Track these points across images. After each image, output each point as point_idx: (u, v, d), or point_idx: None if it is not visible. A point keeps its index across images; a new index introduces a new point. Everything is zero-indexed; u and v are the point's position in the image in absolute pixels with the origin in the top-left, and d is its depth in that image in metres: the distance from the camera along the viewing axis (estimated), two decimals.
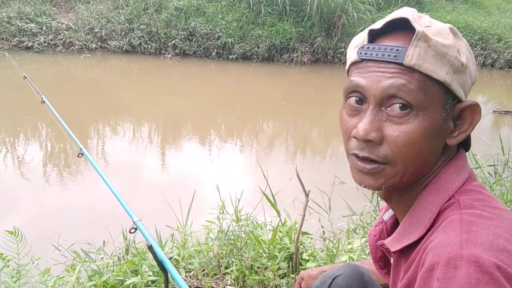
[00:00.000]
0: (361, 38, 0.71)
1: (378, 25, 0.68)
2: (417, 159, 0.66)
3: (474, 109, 0.68)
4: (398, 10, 0.68)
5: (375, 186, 0.69)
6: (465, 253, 0.54)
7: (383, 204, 0.95)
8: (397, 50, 0.64)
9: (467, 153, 0.75)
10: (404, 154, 0.65)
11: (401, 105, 0.64)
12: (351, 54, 0.72)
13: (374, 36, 0.69)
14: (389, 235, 0.82)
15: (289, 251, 1.91)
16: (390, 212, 0.83)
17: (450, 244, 0.56)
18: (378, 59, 0.65)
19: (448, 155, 0.71)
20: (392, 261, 0.78)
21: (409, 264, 0.67)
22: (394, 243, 0.72)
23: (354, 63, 0.70)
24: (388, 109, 0.65)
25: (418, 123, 0.64)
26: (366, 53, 0.67)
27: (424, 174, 0.70)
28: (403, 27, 0.66)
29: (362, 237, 2.12)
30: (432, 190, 0.68)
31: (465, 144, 0.75)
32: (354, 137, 0.67)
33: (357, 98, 0.69)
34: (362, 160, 0.68)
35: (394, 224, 0.83)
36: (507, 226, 0.60)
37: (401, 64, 0.64)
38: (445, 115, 0.66)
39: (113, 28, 8.46)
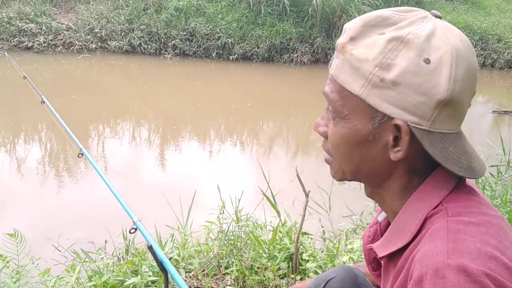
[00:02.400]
0: None
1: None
2: (348, 161, 0.70)
3: (400, 128, 0.63)
4: (374, 12, 0.68)
5: (331, 175, 0.77)
6: (452, 262, 0.54)
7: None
8: (332, 59, 0.70)
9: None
10: (334, 152, 0.72)
11: (330, 109, 0.70)
12: None
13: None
14: (382, 236, 0.83)
15: (289, 251, 1.90)
16: (384, 214, 0.83)
17: (437, 253, 0.56)
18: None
19: (416, 171, 0.69)
20: (382, 264, 0.78)
21: (397, 271, 0.66)
22: (381, 248, 0.72)
23: None
24: None
25: (338, 129, 0.69)
26: (330, 62, 0.73)
27: (380, 180, 0.70)
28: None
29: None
30: (419, 196, 0.67)
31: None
32: None
33: None
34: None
35: (388, 225, 0.83)
36: (495, 232, 0.59)
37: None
38: (371, 127, 0.65)
39: (113, 28, 8.45)
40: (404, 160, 0.66)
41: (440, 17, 0.66)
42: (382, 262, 0.77)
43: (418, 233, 0.65)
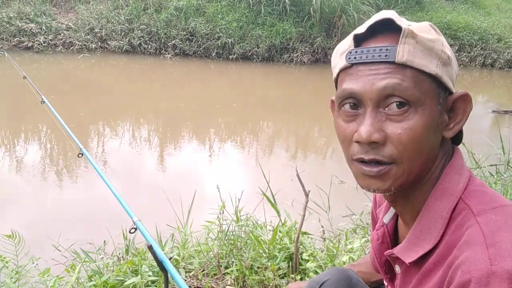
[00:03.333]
0: (347, 44, 0.71)
1: (361, 29, 0.69)
2: (421, 155, 0.66)
3: (465, 99, 0.69)
4: (377, 13, 0.69)
5: (384, 188, 0.68)
6: (496, 269, 0.54)
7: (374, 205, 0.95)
8: (387, 49, 0.64)
9: (464, 150, 0.76)
10: (409, 150, 0.65)
11: (398, 103, 0.64)
12: (339, 61, 0.71)
13: (359, 41, 0.69)
14: (391, 238, 0.82)
15: (289, 251, 1.90)
16: (390, 215, 0.83)
17: (480, 260, 0.56)
18: (369, 61, 0.66)
19: (445, 150, 0.72)
20: (398, 268, 0.77)
21: (423, 274, 0.66)
22: (406, 253, 0.70)
23: (343, 70, 0.70)
24: (386, 109, 0.66)
25: (418, 118, 0.64)
26: (355, 57, 0.67)
27: (427, 170, 0.70)
28: (386, 28, 0.67)
29: (362, 237, 2.12)
30: (438, 195, 0.68)
31: (457, 138, 0.75)
32: (357, 142, 0.67)
33: (352, 104, 0.69)
34: (368, 164, 0.67)
35: (395, 226, 0.83)
36: None
37: (392, 63, 0.64)
38: (440, 108, 0.67)
39: (113, 28, 8.45)
40: (447, 140, 0.71)
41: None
42: (399, 265, 0.75)
43: (444, 233, 0.65)
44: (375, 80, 0.65)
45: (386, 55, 0.64)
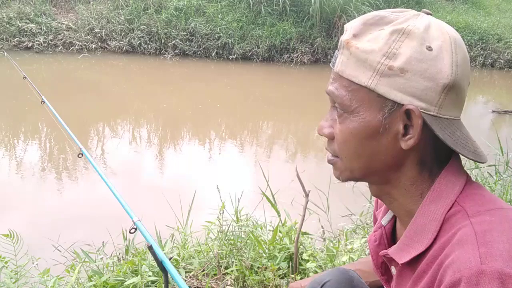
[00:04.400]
0: None
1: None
2: (359, 157, 0.70)
3: (412, 114, 0.65)
4: (371, 13, 0.71)
5: (335, 176, 0.76)
6: (486, 268, 0.54)
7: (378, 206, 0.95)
8: (335, 58, 0.71)
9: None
10: (342, 150, 0.71)
11: (337, 107, 0.70)
12: None
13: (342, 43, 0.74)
14: (388, 240, 0.82)
15: (289, 251, 1.91)
16: (388, 217, 0.83)
17: (470, 259, 0.56)
18: (331, 66, 0.73)
19: (421, 159, 0.69)
20: (394, 270, 0.77)
21: (418, 276, 0.66)
22: (400, 254, 0.71)
23: None
24: None
25: (348, 124, 0.69)
26: (332, 61, 0.73)
27: (390, 173, 0.70)
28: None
29: (362, 237, 2.12)
30: (433, 197, 0.67)
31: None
32: None
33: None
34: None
35: (393, 228, 0.83)
36: None
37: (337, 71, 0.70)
38: (381, 118, 0.66)
39: (113, 28, 8.45)
40: (414, 150, 0.67)
41: (431, 14, 0.70)
42: (393, 267, 0.76)
43: (438, 236, 0.65)
44: (329, 84, 0.72)
45: (333, 63, 0.71)
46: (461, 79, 0.65)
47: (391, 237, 0.82)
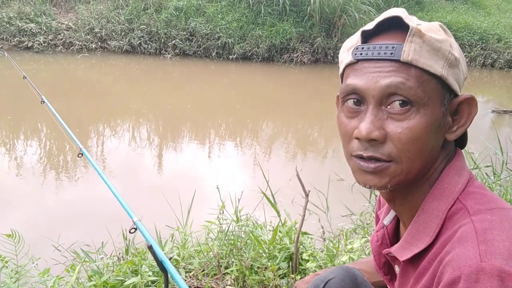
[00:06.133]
0: (354, 40, 0.71)
1: (370, 25, 0.69)
2: (421, 155, 0.66)
3: (471, 102, 0.68)
4: (387, 10, 0.69)
5: (380, 185, 0.67)
6: (486, 266, 0.54)
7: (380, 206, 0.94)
8: (393, 47, 0.64)
9: (463, 150, 0.75)
10: (409, 150, 0.65)
11: (401, 102, 0.64)
12: (345, 57, 0.71)
13: (367, 37, 0.69)
14: (391, 240, 0.82)
15: (289, 251, 1.90)
16: (390, 216, 0.83)
17: (470, 256, 0.56)
18: (374, 58, 0.65)
19: (447, 152, 0.71)
20: (397, 269, 0.77)
21: (419, 273, 0.66)
22: (402, 251, 0.71)
23: (349, 65, 0.70)
24: (388, 107, 0.65)
25: (420, 119, 0.64)
26: (361, 53, 0.67)
27: (426, 170, 0.70)
28: (394, 26, 0.67)
29: (362, 237, 2.12)
30: (436, 195, 0.68)
31: (461, 142, 0.75)
32: (357, 138, 0.67)
33: (355, 100, 0.68)
34: (366, 160, 0.67)
35: (395, 228, 0.83)
36: None
37: (397, 61, 0.64)
38: (443, 109, 0.67)
39: (113, 28, 8.46)
40: (450, 143, 0.71)
41: None
42: (397, 266, 0.76)
43: (440, 233, 0.65)
44: (379, 78, 0.64)
45: (391, 53, 0.64)
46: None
47: (394, 236, 0.82)
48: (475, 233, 0.59)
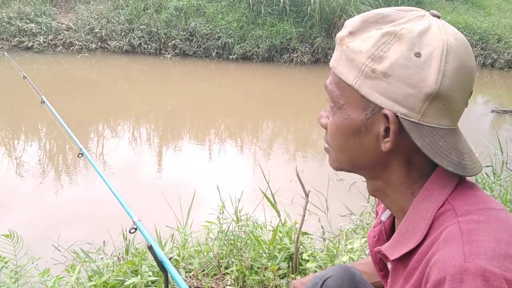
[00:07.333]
0: None
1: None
2: (343, 151, 0.73)
3: (387, 118, 0.65)
4: (375, 10, 0.70)
5: (329, 163, 0.78)
6: (470, 266, 0.55)
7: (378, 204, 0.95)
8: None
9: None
10: (332, 142, 0.74)
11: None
12: None
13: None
14: (388, 236, 0.82)
15: (289, 251, 1.91)
16: (388, 213, 0.83)
17: (454, 257, 0.57)
18: None
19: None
20: (389, 266, 0.78)
21: (409, 273, 0.66)
22: (391, 250, 0.72)
23: None
24: None
25: (337, 119, 0.71)
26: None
27: (375, 171, 0.71)
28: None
29: (362, 237, 2.12)
30: (424, 196, 0.68)
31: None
32: None
33: None
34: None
35: (392, 225, 0.83)
36: (506, 227, 0.60)
37: None
38: (365, 118, 0.67)
39: (113, 28, 8.45)
40: (398, 152, 0.68)
41: (439, 17, 0.67)
42: (390, 263, 0.76)
43: (428, 234, 0.65)
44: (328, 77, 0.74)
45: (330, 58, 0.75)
46: (450, 88, 0.63)
47: (390, 233, 0.83)
48: (461, 234, 0.59)
